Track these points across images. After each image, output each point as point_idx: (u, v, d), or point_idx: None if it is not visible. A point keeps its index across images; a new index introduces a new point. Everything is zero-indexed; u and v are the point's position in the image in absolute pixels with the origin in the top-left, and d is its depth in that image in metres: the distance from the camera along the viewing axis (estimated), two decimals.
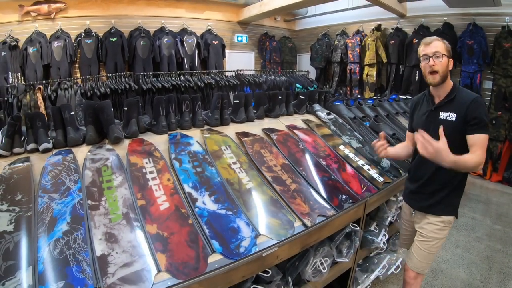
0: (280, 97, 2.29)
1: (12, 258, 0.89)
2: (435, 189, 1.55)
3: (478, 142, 1.37)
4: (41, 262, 0.90)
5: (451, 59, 1.46)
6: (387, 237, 2.10)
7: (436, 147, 1.29)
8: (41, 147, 1.35)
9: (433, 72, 1.43)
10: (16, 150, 1.36)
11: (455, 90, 1.47)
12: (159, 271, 0.99)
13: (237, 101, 2.04)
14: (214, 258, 1.09)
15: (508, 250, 2.78)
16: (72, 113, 1.44)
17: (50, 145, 1.38)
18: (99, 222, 1.09)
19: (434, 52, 1.42)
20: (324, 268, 1.60)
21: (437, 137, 1.46)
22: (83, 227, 1.05)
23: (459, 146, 1.39)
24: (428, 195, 1.58)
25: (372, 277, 2.09)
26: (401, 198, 2.23)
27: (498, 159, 4.37)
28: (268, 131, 1.99)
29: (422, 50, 1.47)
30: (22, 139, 1.40)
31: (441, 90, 1.49)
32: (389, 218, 2.15)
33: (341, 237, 1.71)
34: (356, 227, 1.75)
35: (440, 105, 1.49)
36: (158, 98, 1.71)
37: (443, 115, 1.47)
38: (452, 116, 1.43)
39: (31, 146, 1.36)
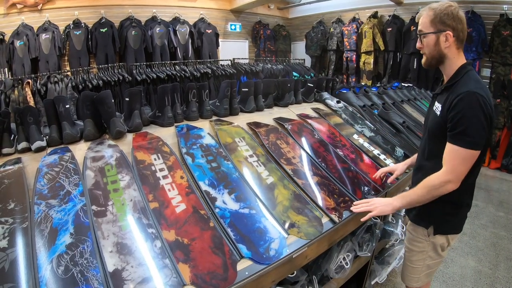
0: (289, 85, 2.15)
1: (10, 280, 0.73)
2: None
3: (447, 153, 1.06)
4: (44, 283, 0.75)
5: (448, 32, 1.07)
6: (404, 228, 2.03)
7: (371, 203, 1.25)
8: (33, 146, 1.16)
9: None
10: (5, 150, 1.18)
11: (459, 76, 1.11)
12: (183, 285, 0.85)
13: (246, 90, 1.88)
14: (243, 265, 0.96)
15: None
16: (68, 106, 1.25)
17: (43, 143, 1.20)
18: (107, 231, 0.93)
19: (419, 31, 1.15)
20: (347, 264, 1.51)
21: (429, 132, 1.21)
22: (89, 238, 0.89)
23: (441, 149, 1.11)
24: None
25: (389, 269, 2.02)
26: None
27: (497, 147, 4.40)
28: (280, 120, 1.86)
29: None
30: (11, 138, 1.22)
31: (444, 73, 1.19)
32: None
33: (363, 231, 1.62)
34: (376, 219, 1.65)
35: (438, 93, 1.22)
36: (163, 87, 1.53)
37: (436, 105, 1.18)
38: (438, 109, 1.14)
39: (23, 145, 1.18)
